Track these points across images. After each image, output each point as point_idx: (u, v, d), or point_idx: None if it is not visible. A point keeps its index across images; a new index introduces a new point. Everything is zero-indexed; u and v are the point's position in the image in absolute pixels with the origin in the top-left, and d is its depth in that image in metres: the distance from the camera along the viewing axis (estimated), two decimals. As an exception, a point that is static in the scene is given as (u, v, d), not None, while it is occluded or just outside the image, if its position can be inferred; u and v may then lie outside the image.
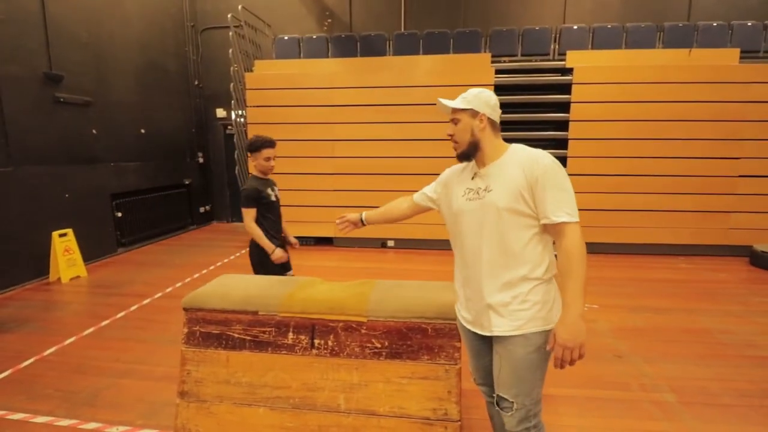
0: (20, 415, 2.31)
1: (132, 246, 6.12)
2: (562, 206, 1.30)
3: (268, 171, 2.76)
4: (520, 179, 1.34)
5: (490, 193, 1.39)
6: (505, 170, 1.40)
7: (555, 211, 1.30)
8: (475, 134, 1.44)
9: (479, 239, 1.42)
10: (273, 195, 2.80)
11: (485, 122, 1.44)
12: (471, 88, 1.51)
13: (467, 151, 1.47)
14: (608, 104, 5.51)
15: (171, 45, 7.20)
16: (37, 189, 4.65)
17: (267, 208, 2.74)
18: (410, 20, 7.23)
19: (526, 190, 1.34)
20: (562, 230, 1.31)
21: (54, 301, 4.12)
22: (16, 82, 4.43)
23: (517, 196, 1.34)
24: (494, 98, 1.49)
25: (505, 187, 1.37)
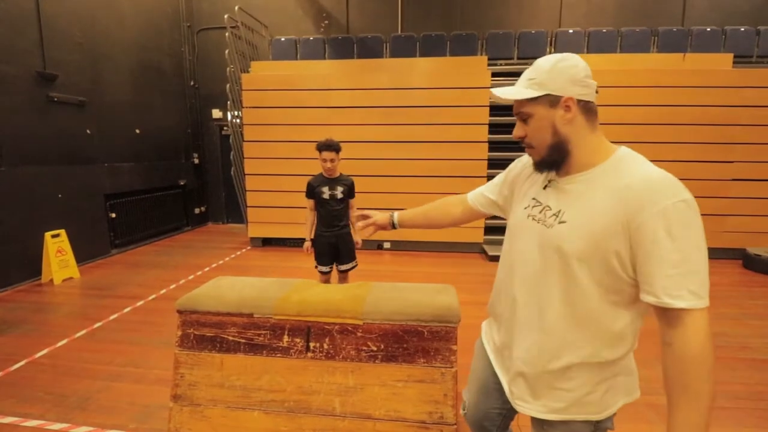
0: (10, 419, 2.27)
1: (126, 247, 6.07)
2: (685, 281, 0.81)
3: (326, 171, 3.11)
4: (612, 217, 0.86)
5: (562, 226, 0.94)
6: (593, 191, 0.91)
7: (672, 288, 0.81)
8: (560, 130, 0.95)
9: (530, 282, 1.01)
10: (327, 193, 3.13)
11: (574, 108, 0.93)
12: (542, 58, 0.97)
13: (551, 157, 0.98)
14: (602, 108, 5.52)
15: (166, 45, 7.17)
16: (30, 189, 4.60)
17: (320, 204, 3.18)
18: (407, 23, 7.25)
19: (622, 239, 0.85)
20: (678, 318, 0.83)
21: (46, 303, 4.07)
22: (9, 81, 4.39)
23: (603, 245, 0.87)
24: (580, 67, 0.94)
25: (586, 222, 0.90)
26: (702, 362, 0.82)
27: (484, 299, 4.48)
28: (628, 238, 0.85)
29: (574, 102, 0.93)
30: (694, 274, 0.81)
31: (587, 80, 0.95)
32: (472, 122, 5.69)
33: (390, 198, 5.89)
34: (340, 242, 3.24)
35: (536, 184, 1.07)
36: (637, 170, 0.91)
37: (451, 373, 1.76)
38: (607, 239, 0.87)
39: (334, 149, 3.04)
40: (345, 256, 3.28)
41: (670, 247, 0.81)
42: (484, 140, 5.70)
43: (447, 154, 5.76)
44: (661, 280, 0.82)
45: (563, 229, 0.94)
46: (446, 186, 5.81)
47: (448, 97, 5.69)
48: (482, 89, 5.62)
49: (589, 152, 0.95)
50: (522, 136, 1.02)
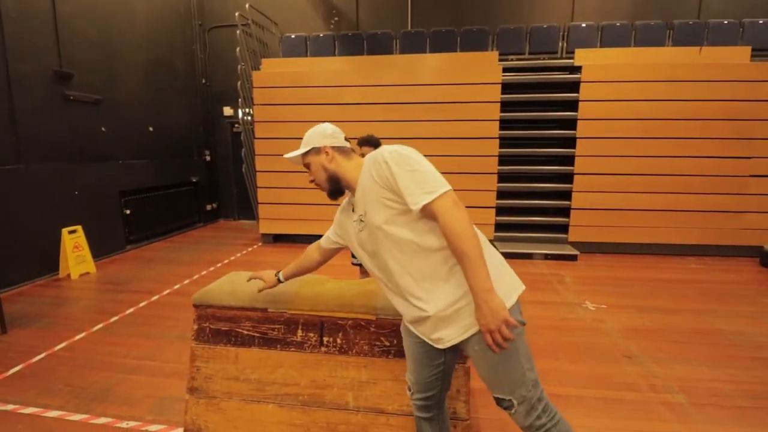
0: (32, 409, 2.34)
1: (140, 243, 6.17)
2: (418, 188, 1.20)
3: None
4: (375, 186, 1.28)
5: (368, 217, 1.33)
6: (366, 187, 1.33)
7: (414, 197, 1.20)
8: (328, 168, 1.42)
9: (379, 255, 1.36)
10: None
11: (331, 152, 1.43)
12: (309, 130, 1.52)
13: (330, 187, 1.44)
14: (617, 102, 5.46)
15: (179, 43, 7.24)
16: (47, 186, 4.70)
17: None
18: (417, 18, 7.21)
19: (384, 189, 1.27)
20: (431, 212, 1.20)
21: (64, 297, 4.17)
22: (27, 80, 4.48)
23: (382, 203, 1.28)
24: (328, 127, 1.52)
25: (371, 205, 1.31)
26: (456, 231, 1.17)
27: (496, 296, 4.34)
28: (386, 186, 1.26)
29: (329, 149, 1.43)
30: (421, 183, 1.21)
31: (334, 134, 1.49)
32: (483, 118, 5.65)
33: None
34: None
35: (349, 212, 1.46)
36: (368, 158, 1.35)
37: (464, 368, 1.76)
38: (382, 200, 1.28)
39: (372, 145, 3.05)
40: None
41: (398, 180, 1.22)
42: (495, 136, 5.66)
43: (458, 150, 5.73)
44: (407, 198, 1.21)
45: (369, 218, 1.33)
46: (457, 182, 5.75)
47: (458, 93, 5.66)
48: (493, 85, 5.57)
49: (352, 172, 1.40)
50: (311, 179, 1.49)
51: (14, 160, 4.35)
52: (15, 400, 2.43)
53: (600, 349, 2.99)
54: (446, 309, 1.27)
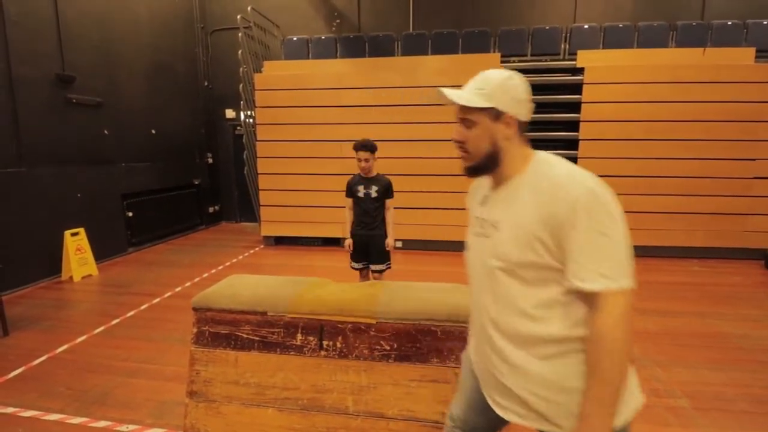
0: (32, 412, 2.34)
1: (142, 245, 6.18)
2: (594, 265, 0.86)
3: (362, 170, 3.16)
4: (533, 212, 0.94)
5: (498, 233, 1.01)
6: (518, 195, 1.00)
7: (581, 272, 0.87)
8: (498, 143, 1.02)
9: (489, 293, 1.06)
10: (362, 192, 3.18)
11: (513, 126, 1.02)
12: (489, 71, 1.04)
13: (481, 164, 1.06)
14: (620, 104, 5.44)
15: (181, 46, 7.26)
16: (50, 189, 4.72)
17: (356, 202, 3.24)
18: (418, 20, 7.21)
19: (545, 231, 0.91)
20: (592, 301, 0.88)
21: (66, 300, 4.17)
22: (30, 83, 4.50)
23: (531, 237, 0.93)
24: (523, 88, 1.03)
25: (515, 223, 0.97)
26: (610, 347, 0.86)
27: (498, 299, 4.34)
28: (550, 230, 0.91)
29: (514, 120, 1.02)
30: (605, 259, 0.87)
31: (527, 102, 1.04)
32: (484, 120, 5.64)
33: (407, 197, 5.86)
34: (371, 243, 3.24)
35: (476, 204, 1.16)
36: (547, 172, 0.98)
37: (465, 373, 1.75)
38: (533, 235, 0.93)
39: (369, 149, 3.09)
40: (376, 257, 3.26)
41: (575, 235, 0.88)
42: (496, 138, 5.64)
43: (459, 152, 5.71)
44: (571, 265, 0.89)
45: (500, 235, 1.00)
46: (458, 184, 5.77)
47: (460, 95, 5.64)
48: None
49: (515, 163, 1.04)
50: (461, 140, 1.08)
51: (17, 163, 4.37)
52: (15, 402, 2.43)
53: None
54: (533, 394, 0.99)
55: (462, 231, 4.89)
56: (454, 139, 1.09)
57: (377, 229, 3.22)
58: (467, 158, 1.09)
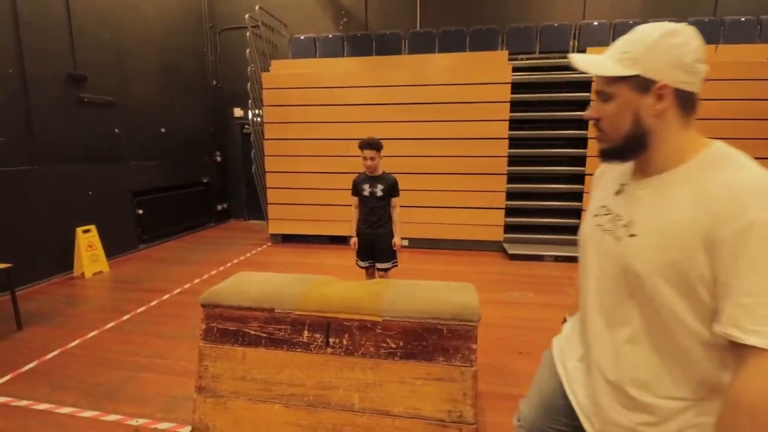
0: (45, 406, 2.39)
1: (152, 242, 6.26)
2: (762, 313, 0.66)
3: (367, 169, 3.16)
4: (690, 230, 0.72)
5: (632, 240, 0.81)
6: (671, 198, 0.78)
7: (742, 319, 0.67)
8: (643, 121, 0.80)
9: (602, 305, 0.89)
10: (367, 190, 3.19)
11: (669, 99, 0.78)
12: (643, 26, 0.81)
13: (622, 147, 0.84)
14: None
15: (190, 46, 7.33)
16: (62, 186, 4.80)
17: (362, 201, 3.24)
18: (426, 18, 7.19)
19: (703, 256, 0.71)
20: (743, 357, 0.69)
21: (78, 296, 4.25)
22: (42, 82, 4.58)
23: (679, 263, 0.73)
24: (692, 47, 0.78)
25: (660, 236, 0.77)
26: (754, 418, 0.66)
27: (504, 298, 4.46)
28: (709, 256, 0.70)
29: (670, 91, 0.77)
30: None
31: (695, 65, 0.77)
32: (492, 118, 5.62)
33: (413, 195, 5.87)
34: (376, 241, 3.23)
35: (607, 189, 0.94)
36: (726, 174, 0.73)
37: (471, 372, 1.75)
38: (684, 256, 0.72)
39: (374, 147, 3.12)
40: (381, 256, 3.26)
41: (748, 271, 0.66)
42: (504, 137, 5.62)
43: (466, 150, 5.70)
44: (731, 308, 0.68)
45: (633, 244, 0.80)
46: (465, 183, 5.76)
47: (467, 93, 5.63)
48: (503, 84, 5.53)
49: (673, 151, 0.80)
50: (595, 117, 0.86)
51: (30, 161, 4.45)
52: (29, 396, 2.48)
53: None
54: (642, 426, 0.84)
55: (470, 230, 4.88)
56: (588, 115, 0.88)
57: (383, 227, 3.23)
58: (602, 139, 0.87)
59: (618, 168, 0.94)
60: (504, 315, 3.61)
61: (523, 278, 4.64)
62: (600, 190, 0.98)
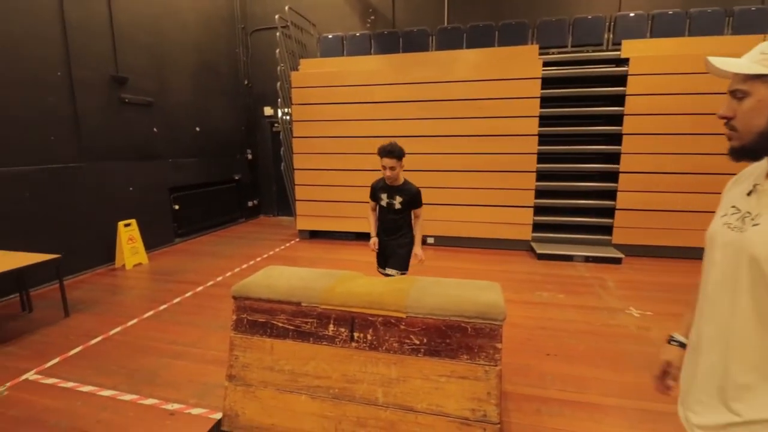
0: (89, 388, 2.55)
1: (187, 237, 6.53)
2: None
3: (387, 179, 2.85)
4: None
5: (755, 229, 0.84)
6: None
7: None
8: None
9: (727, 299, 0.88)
10: (385, 201, 2.92)
11: None
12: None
13: (755, 146, 0.87)
14: (667, 96, 5.12)
15: (223, 47, 7.56)
16: (105, 182, 5.08)
17: (379, 209, 3.04)
18: (454, 14, 7.11)
19: None
20: None
21: (119, 286, 4.49)
22: (88, 84, 4.85)
23: None
24: None
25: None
26: None
27: (532, 298, 4.36)
28: None
29: None
30: None
31: None
32: (521, 115, 5.50)
33: (439, 193, 5.86)
34: (388, 250, 3.03)
35: (739, 191, 0.95)
36: None
37: (496, 371, 1.74)
38: None
39: (395, 156, 2.76)
40: (393, 262, 3.03)
41: None
42: (534, 133, 5.49)
43: (495, 148, 5.61)
44: None
45: (757, 231, 0.81)
46: (493, 181, 5.67)
47: (496, 89, 5.53)
48: (533, 80, 5.40)
49: None
50: (729, 116, 0.88)
51: (76, 158, 4.73)
52: (75, 378, 2.66)
53: (644, 358, 2.84)
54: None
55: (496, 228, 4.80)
56: (721, 114, 0.90)
57: (401, 237, 2.99)
58: (733, 137, 0.89)
59: (753, 173, 0.96)
60: (532, 315, 3.54)
61: (552, 278, 4.53)
62: (732, 193, 1.00)
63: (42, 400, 2.44)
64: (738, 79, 0.86)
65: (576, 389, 2.46)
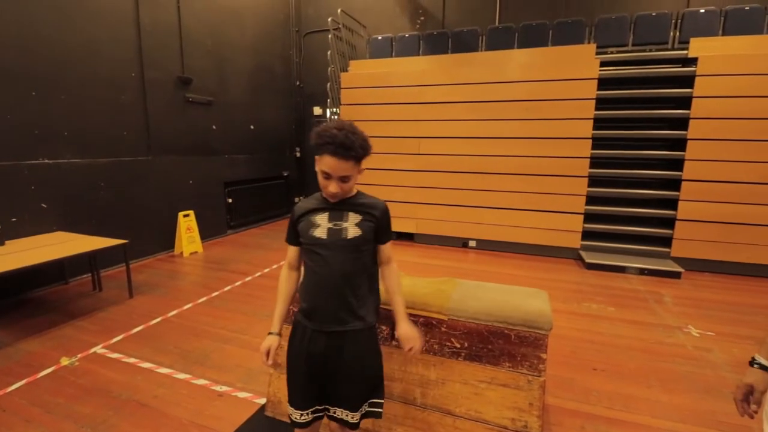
0: (148, 365, 2.77)
1: (238, 229, 6.89)
2: None
3: (329, 195, 1.59)
4: None
5: None
6: None
7: None
8: None
9: None
10: (323, 229, 1.56)
11: None
12: None
13: None
14: (740, 99, 4.69)
15: (278, 49, 7.88)
16: (169, 175, 5.48)
17: (307, 253, 1.65)
18: (506, 14, 6.94)
19: None
20: None
21: (177, 271, 4.83)
22: (158, 85, 5.25)
23: None
24: None
25: None
26: None
27: (579, 309, 4.19)
28: None
29: None
30: None
31: None
32: (574, 117, 5.27)
33: (484, 196, 5.76)
34: (338, 353, 1.43)
35: None
36: None
37: (539, 381, 1.70)
38: None
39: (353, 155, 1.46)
40: (347, 390, 1.45)
41: None
42: (587, 136, 5.24)
43: (546, 151, 5.42)
44: None
45: None
46: (543, 185, 5.48)
47: (547, 90, 5.34)
48: (588, 80, 5.15)
49: None
50: None
51: (145, 152, 5.14)
52: (136, 355, 2.90)
53: (703, 381, 2.65)
54: None
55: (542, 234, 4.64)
56: None
57: (356, 317, 1.44)
58: None
59: None
60: (579, 327, 3.40)
61: (602, 290, 4.31)
62: None
63: (107, 372, 2.68)
64: None
65: (624, 408, 2.34)
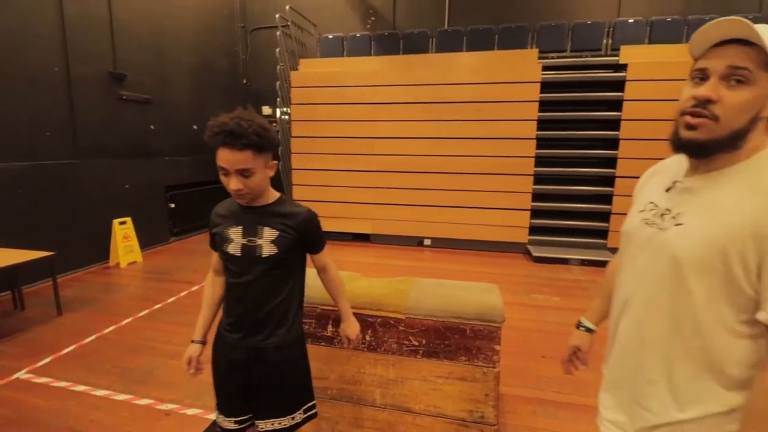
0: (82, 387, 2.52)
1: (183, 235, 6.49)
2: None
3: (236, 195, 1.49)
4: (739, 220, 0.72)
5: (677, 229, 0.81)
6: (721, 189, 0.77)
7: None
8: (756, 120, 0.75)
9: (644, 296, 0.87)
10: (236, 244, 1.42)
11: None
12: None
13: (721, 141, 0.76)
14: (665, 102, 5.17)
15: (222, 45, 7.53)
16: (101, 180, 5.04)
17: (227, 264, 1.48)
18: (454, 17, 7.14)
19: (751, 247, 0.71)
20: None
21: (113, 284, 4.45)
22: (86, 81, 4.81)
23: (724, 250, 0.73)
24: None
25: (705, 223, 0.77)
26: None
27: (528, 301, 4.38)
28: (757, 245, 0.70)
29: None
30: None
31: None
32: (520, 118, 5.52)
33: (437, 195, 5.86)
34: (259, 365, 1.38)
35: (657, 187, 0.92)
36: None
37: (494, 373, 1.74)
38: (730, 244, 0.72)
39: (251, 145, 1.28)
40: (272, 400, 1.39)
41: None
42: (532, 137, 5.51)
43: (493, 150, 5.62)
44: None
45: (679, 232, 0.79)
46: (490, 183, 5.69)
47: (495, 93, 5.55)
48: (532, 84, 5.42)
49: (745, 151, 0.77)
50: (711, 99, 0.74)
51: (72, 155, 4.69)
52: (67, 377, 2.62)
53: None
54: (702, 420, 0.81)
55: (493, 231, 4.81)
56: (703, 94, 0.75)
57: (277, 330, 1.40)
58: (703, 126, 0.76)
59: (671, 168, 0.93)
60: (528, 318, 3.55)
61: (548, 281, 4.54)
62: (649, 188, 0.97)
63: (33, 399, 2.41)
64: (745, 58, 0.71)
65: (572, 391, 2.46)
